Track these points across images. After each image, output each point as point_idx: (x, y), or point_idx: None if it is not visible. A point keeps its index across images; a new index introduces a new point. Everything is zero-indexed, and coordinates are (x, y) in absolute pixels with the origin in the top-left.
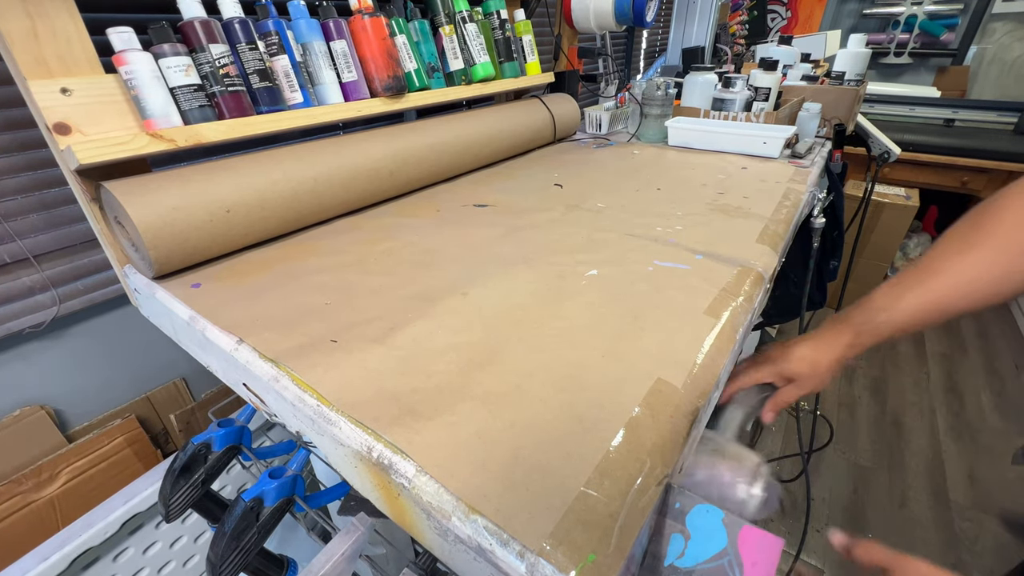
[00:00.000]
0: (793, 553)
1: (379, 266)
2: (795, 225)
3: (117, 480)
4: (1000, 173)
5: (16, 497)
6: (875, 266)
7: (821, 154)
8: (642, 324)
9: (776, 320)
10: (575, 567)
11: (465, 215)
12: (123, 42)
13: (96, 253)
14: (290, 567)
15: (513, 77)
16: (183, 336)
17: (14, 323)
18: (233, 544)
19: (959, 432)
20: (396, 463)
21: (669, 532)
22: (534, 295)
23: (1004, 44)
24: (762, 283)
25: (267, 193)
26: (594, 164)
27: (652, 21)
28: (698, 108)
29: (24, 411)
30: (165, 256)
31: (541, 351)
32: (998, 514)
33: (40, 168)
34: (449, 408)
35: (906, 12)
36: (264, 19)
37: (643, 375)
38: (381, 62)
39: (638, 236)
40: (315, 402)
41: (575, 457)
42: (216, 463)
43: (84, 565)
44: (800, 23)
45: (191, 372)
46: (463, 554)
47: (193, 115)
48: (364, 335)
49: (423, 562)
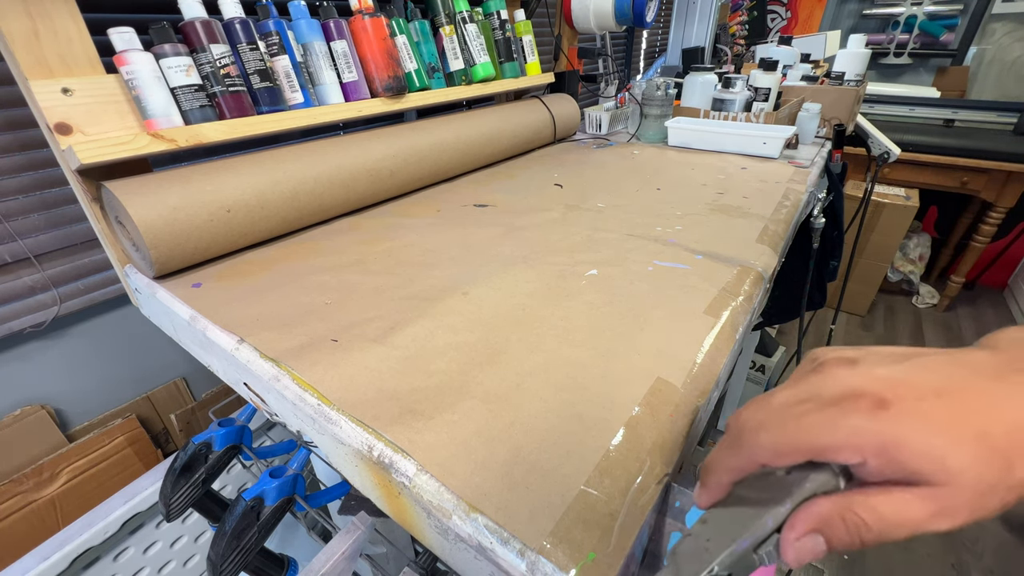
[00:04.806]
0: None
1: (379, 266)
2: (795, 225)
3: (117, 480)
4: (1000, 173)
5: (16, 496)
6: (875, 266)
7: (821, 154)
8: (642, 324)
9: (776, 320)
10: (575, 565)
11: (465, 215)
12: (124, 42)
13: (97, 253)
14: (290, 566)
15: (513, 77)
16: (184, 336)
17: (15, 322)
18: (234, 543)
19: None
20: (397, 462)
21: (669, 531)
22: (534, 295)
23: (1004, 44)
24: (762, 283)
25: (268, 193)
26: (594, 164)
27: (652, 21)
28: (698, 108)
29: (25, 410)
30: (166, 256)
31: (541, 350)
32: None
33: (41, 168)
34: (449, 407)
35: (906, 12)
36: (265, 19)
37: (643, 374)
38: (381, 62)
39: (638, 236)
40: (316, 401)
41: (575, 456)
42: (217, 462)
43: (84, 565)
44: (800, 23)
45: (191, 372)
46: (463, 553)
47: (194, 115)
48: (365, 334)
49: (423, 561)
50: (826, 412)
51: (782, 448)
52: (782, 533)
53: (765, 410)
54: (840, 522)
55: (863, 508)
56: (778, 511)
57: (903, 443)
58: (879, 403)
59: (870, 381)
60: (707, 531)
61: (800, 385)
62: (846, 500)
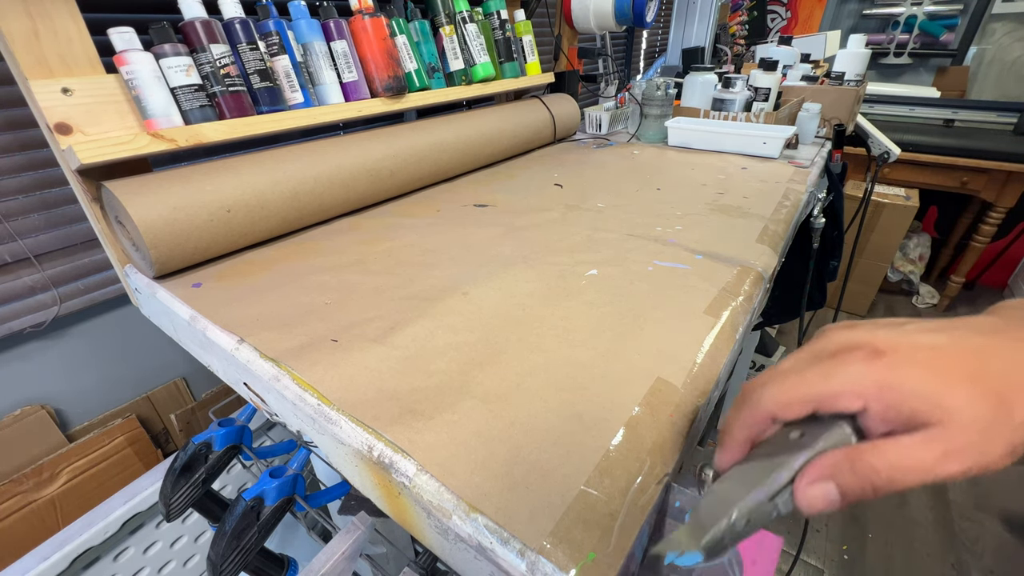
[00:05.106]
0: (793, 553)
1: (379, 266)
2: (795, 225)
3: (118, 480)
4: (1000, 173)
5: (16, 496)
6: (875, 266)
7: (821, 154)
8: (642, 324)
9: (776, 320)
10: (575, 565)
11: (465, 215)
12: (124, 42)
13: (97, 253)
14: (290, 566)
15: (513, 77)
16: (184, 336)
17: (15, 322)
18: (234, 543)
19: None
20: (397, 462)
21: (669, 531)
22: (534, 295)
23: (1004, 45)
24: (762, 283)
25: (268, 193)
26: (594, 164)
27: (652, 21)
28: (698, 108)
29: (25, 410)
30: (166, 256)
31: (541, 350)
32: (998, 514)
33: (41, 168)
34: (449, 407)
35: (906, 12)
36: (265, 19)
37: (643, 374)
38: (381, 62)
39: (638, 236)
40: (316, 401)
41: (575, 456)
42: (217, 462)
43: (84, 565)
44: (800, 23)
45: (191, 372)
46: (463, 553)
47: (194, 115)
48: (365, 334)
49: (423, 561)
50: (825, 364)
51: (786, 398)
52: (795, 482)
53: (771, 372)
54: (850, 469)
55: (871, 454)
56: (792, 465)
57: (898, 386)
58: (875, 353)
59: (868, 337)
60: (725, 487)
61: (803, 351)
62: (856, 449)
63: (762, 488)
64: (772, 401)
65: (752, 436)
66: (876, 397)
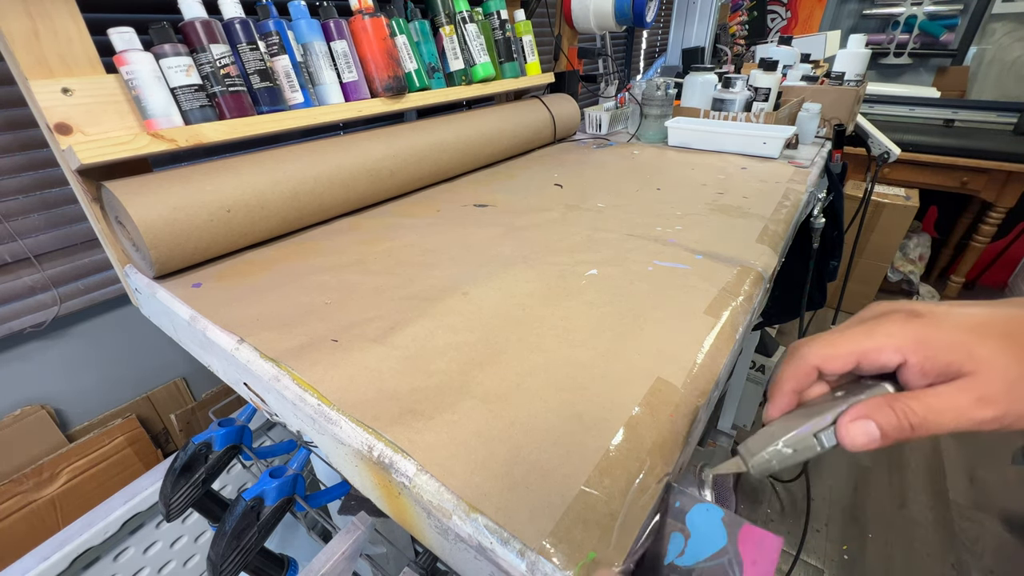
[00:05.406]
0: (793, 553)
1: (379, 266)
2: (795, 225)
3: (118, 480)
4: (1000, 173)
5: (16, 497)
6: (875, 266)
7: (821, 154)
8: (642, 324)
9: (776, 320)
10: (575, 565)
11: (465, 215)
12: (124, 42)
13: (97, 253)
14: (290, 566)
15: (513, 77)
16: (184, 336)
17: (15, 322)
18: (234, 543)
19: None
20: (397, 462)
21: (669, 531)
22: (534, 295)
23: (1004, 45)
24: (762, 283)
25: (268, 193)
26: (594, 164)
27: (652, 21)
28: (698, 108)
29: (25, 410)
30: (166, 256)
31: (541, 350)
32: (998, 514)
33: (41, 168)
34: (449, 407)
35: (906, 12)
36: (265, 19)
37: (643, 374)
38: (381, 62)
39: (638, 236)
40: (316, 401)
41: (575, 456)
42: (217, 462)
43: (84, 565)
44: (800, 23)
45: (191, 372)
46: (463, 553)
47: (194, 115)
48: (364, 334)
49: (423, 561)
50: (867, 324)
51: (830, 351)
52: (838, 420)
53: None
54: (889, 408)
55: (910, 397)
56: (837, 408)
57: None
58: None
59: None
60: (773, 427)
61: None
62: (895, 395)
63: (807, 424)
64: (816, 355)
65: (798, 388)
66: (914, 351)
